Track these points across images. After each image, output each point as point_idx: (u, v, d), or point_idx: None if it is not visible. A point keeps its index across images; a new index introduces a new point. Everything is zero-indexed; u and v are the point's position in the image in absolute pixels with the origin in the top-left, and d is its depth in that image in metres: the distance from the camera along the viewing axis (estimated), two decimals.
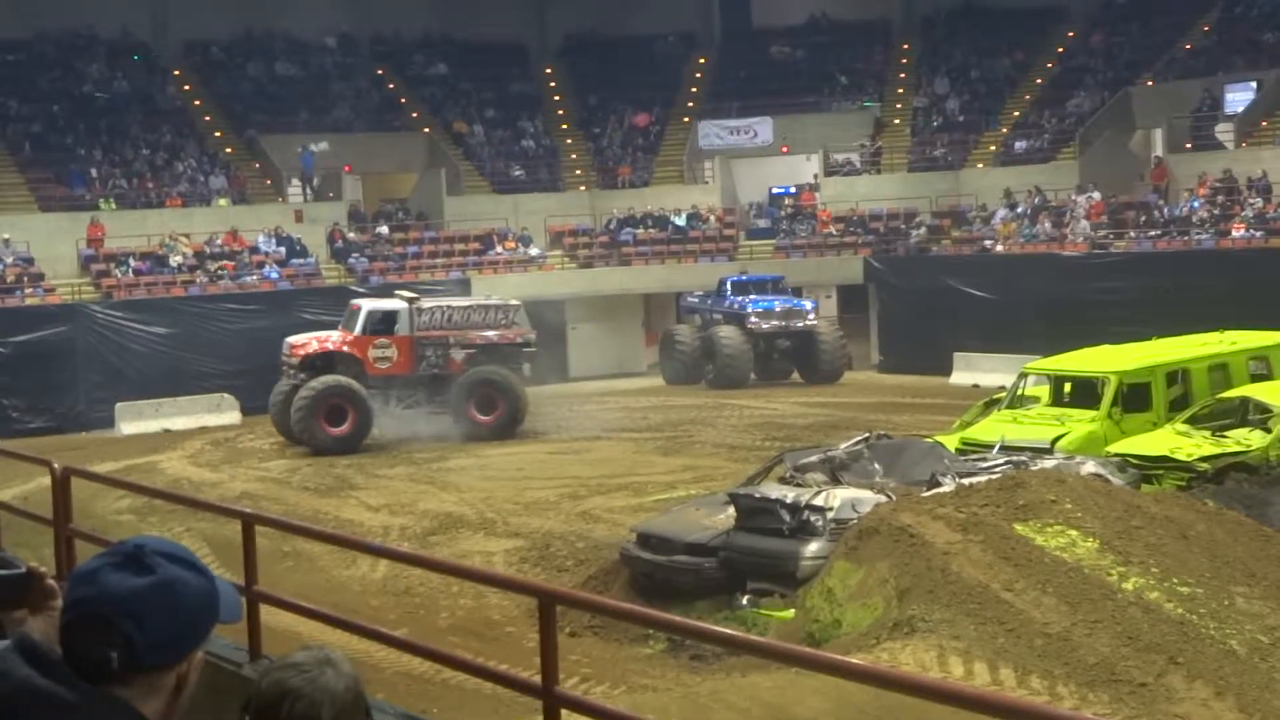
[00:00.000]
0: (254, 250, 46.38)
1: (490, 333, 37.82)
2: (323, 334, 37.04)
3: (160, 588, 2.84)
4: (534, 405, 40.50)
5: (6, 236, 43.89)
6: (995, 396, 28.33)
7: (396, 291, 39.76)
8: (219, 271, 44.80)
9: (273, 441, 36.71)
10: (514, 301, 39.48)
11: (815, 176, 53.43)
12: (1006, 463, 21.34)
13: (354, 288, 43.95)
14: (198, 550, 18.84)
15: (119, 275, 44.18)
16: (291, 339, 36.82)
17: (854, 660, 7.58)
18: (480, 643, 18.22)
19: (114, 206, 46.88)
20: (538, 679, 7.02)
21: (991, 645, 14.85)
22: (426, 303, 37.89)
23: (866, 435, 22.98)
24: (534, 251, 49.92)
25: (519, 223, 50.63)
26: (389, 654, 15.34)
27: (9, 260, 43.55)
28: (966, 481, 19.56)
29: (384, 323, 36.85)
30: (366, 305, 37.41)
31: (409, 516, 27.24)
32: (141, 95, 51.67)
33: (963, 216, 49.12)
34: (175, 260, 44.99)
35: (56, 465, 11.25)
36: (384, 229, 49.61)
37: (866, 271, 48.51)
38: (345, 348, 36.31)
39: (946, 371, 42.96)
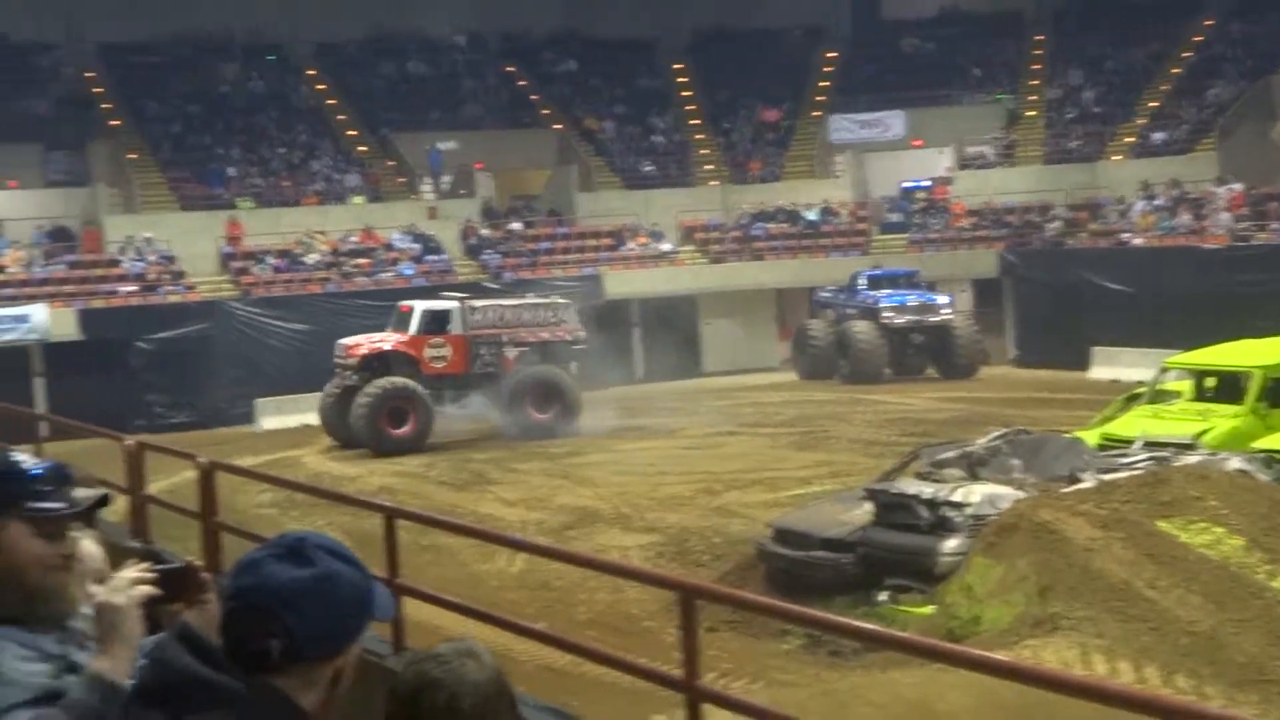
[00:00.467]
0: (389, 247, 46.87)
1: (542, 331, 37.83)
2: (376, 335, 37.14)
3: (320, 581, 2.86)
4: (667, 400, 40.59)
5: (149, 235, 44.73)
6: (1136, 391, 27.83)
7: (442, 293, 39.80)
8: (354, 268, 45.34)
9: (473, 433, 36.89)
10: (563, 300, 39.53)
11: (948, 170, 52.96)
12: (1148, 458, 20.99)
13: (488, 284, 44.26)
14: None
15: (257, 273, 44.87)
16: (345, 340, 36.92)
17: (998, 656, 7.49)
18: (618, 637, 18.22)
19: (252, 205, 47.61)
20: (678, 673, 6.99)
21: (1135, 644, 14.61)
22: (479, 302, 38.03)
23: (1005, 430, 22.71)
24: (665, 247, 49.96)
25: (650, 218, 50.68)
26: (528, 647, 15.39)
27: (151, 259, 44.37)
28: (1107, 477, 19.26)
29: (438, 322, 36.98)
30: (420, 305, 37.46)
31: (545, 511, 27.34)
32: (277, 95, 52.43)
33: (1099, 209, 48.42)
34: (311, 258, 45.59)
35: (202, 460, 11.42)
36: (516, 225, 49.90)
37: (1001, 265, 48.00)
38: (401, 348, 36.43)
39: (1085, 366, 42.38)
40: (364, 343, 36.60)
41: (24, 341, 40.89)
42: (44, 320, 40.95)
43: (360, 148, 51.64)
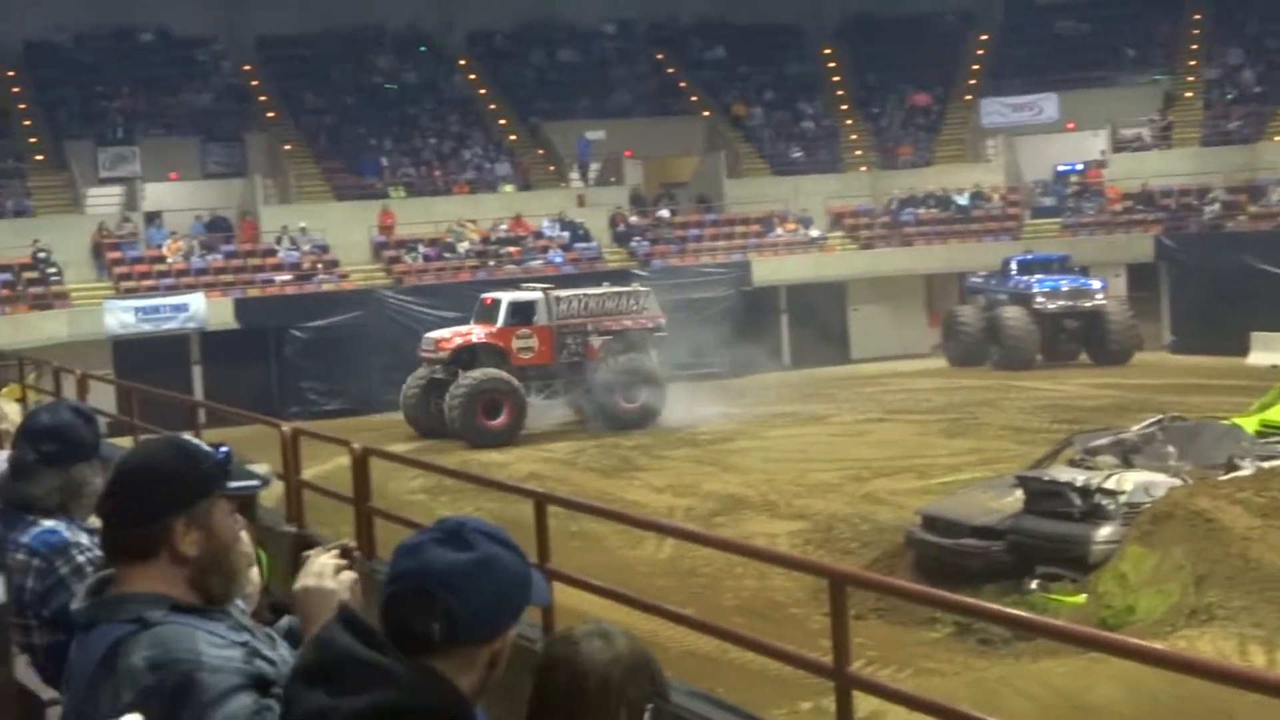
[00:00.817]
0: (538, 235, 47.19)
1: (624, 319, 37.90)
2: (462, 328, 37.33)
3: (481, 564, 2.90)
4: (813, 387, 40.47)
5: (303, 225, 45.43)
6: None
7: (523, 285, 39.97)
8: (503, 256, 45.73)
9: (561, 423, 37.21)
10: (644, 288, 39.53)
11: (1102, 153, 52.12)
12: None
13: (637, 271, 44.37)
14: None
15: (409, 261, 45.41)
16: (434, 334, 37.30)
17: (1154, 645, 7.38)
18: (765, 623, 18.22)
19: (404, 194, 48.17)
20: (826, 660, 6.97)
21: None
22: (563, 292, 38.01)
23: (1160, 417, 22.38)
24: (814, 233, 49.76)
25: (799, 204, 50.49)
26: (675, 633, 15.44)
27: (306, 248, 45.08)
28: (1266, 465, 18.91)
29: (524, 313, 37.11)
30: (506, 297, 37.56)
31: (693, 498, 27.41)
32: (429, 85, 52.97)
33: (1260, 191, 47.36)
34: (462, 246, 46.04)
35: (356, 446, 11.59)
36: (665, 212, 49.99)
37: (1157, 249, 47.17)
38: (490, 340, 36.63)
39: (1243, 352, 41.54)
40: (454, 335, 36.87)
41: (183, 330, 41.76)
42: (202, 309, 41.78)
43: (510, 137, 52.02)
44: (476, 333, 36.90)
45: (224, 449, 3.55)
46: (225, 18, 51.81)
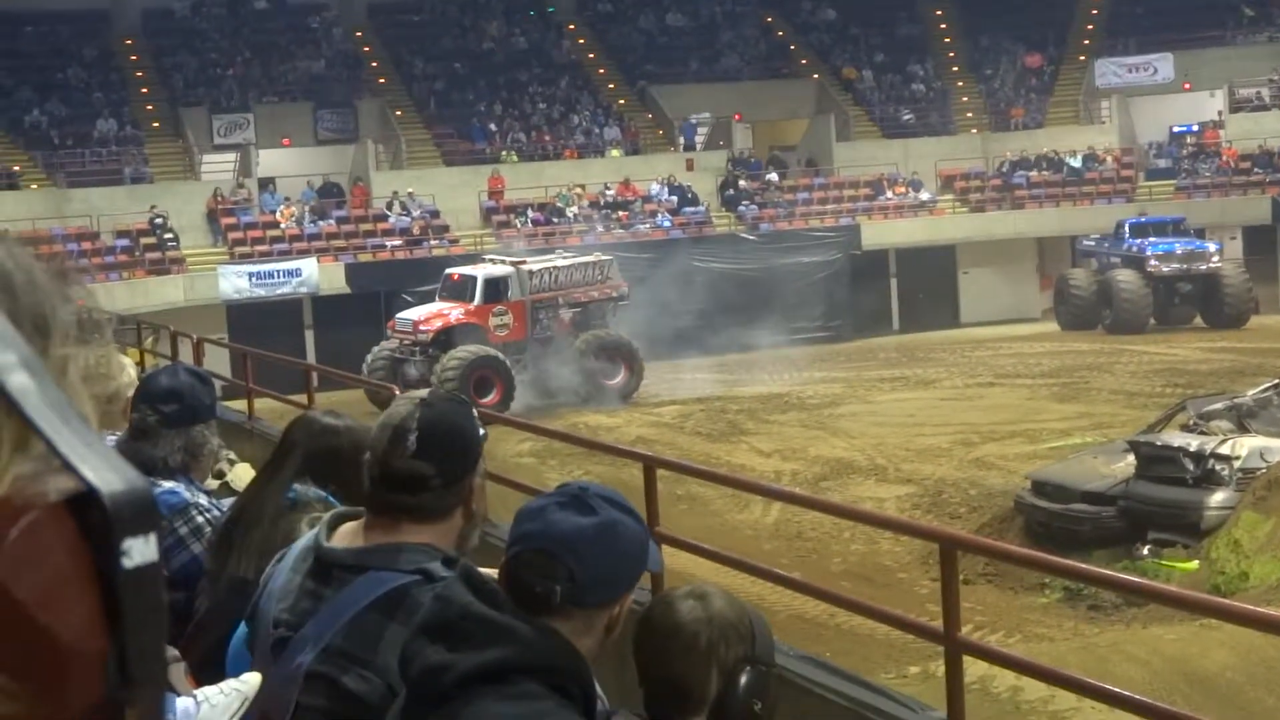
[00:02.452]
0: (646, 199, 47.22)
1: (591, 290, 37.25)
2: (435, 308, 36.37)
3: (602, 528, 2.95)
4: (923, 350, 40.26)
5: (413, 190, 45.76)
6: None
7: (487, 257, 39.15)
8: (613, 219, 45.83)
9: (662, 385, 37.19)
10: (607, 256, 38.57)
11: (1219, 113, 51.28)
12: None
13: (745, 234, 44.29)
14: None
15: (519, 226, 45.61)
16: (411, 314, 36.37)
17: (1269, 611, 7.33)
18: (872, 588, 18.22)
19: (515, 159, 48.36)
20: (935, 624, 6.97)
21: None
22: (534, 265, 37.15)
23: (1276, 381, 22.07)
24: (924, 196, 49.42)
25: (909, 167, 50.14)
26: (782, 596, 15.48)
27: (416, 213, 45.40)
28: None
29: (498, 290, 36.25)
30: (481, 274, 36.60)
31: (800, 462, 27.38)
32: (537, 50, 53.09)
33: None
34: (571, 211, 46.18)
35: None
36: (774, 176, 49.84)
37: (1275, 211, 46.40)
38: (469, 319, 35.70)
39: None
40: (432, 316, 35.93)
41: (295, 295, 42.26)
42: (314, 274, 42.26)
43: (619, 101, 52.05)
44: (455, 313, 35.90)
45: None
46: None
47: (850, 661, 12.90)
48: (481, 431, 3.52)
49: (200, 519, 5.09)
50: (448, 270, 37.87)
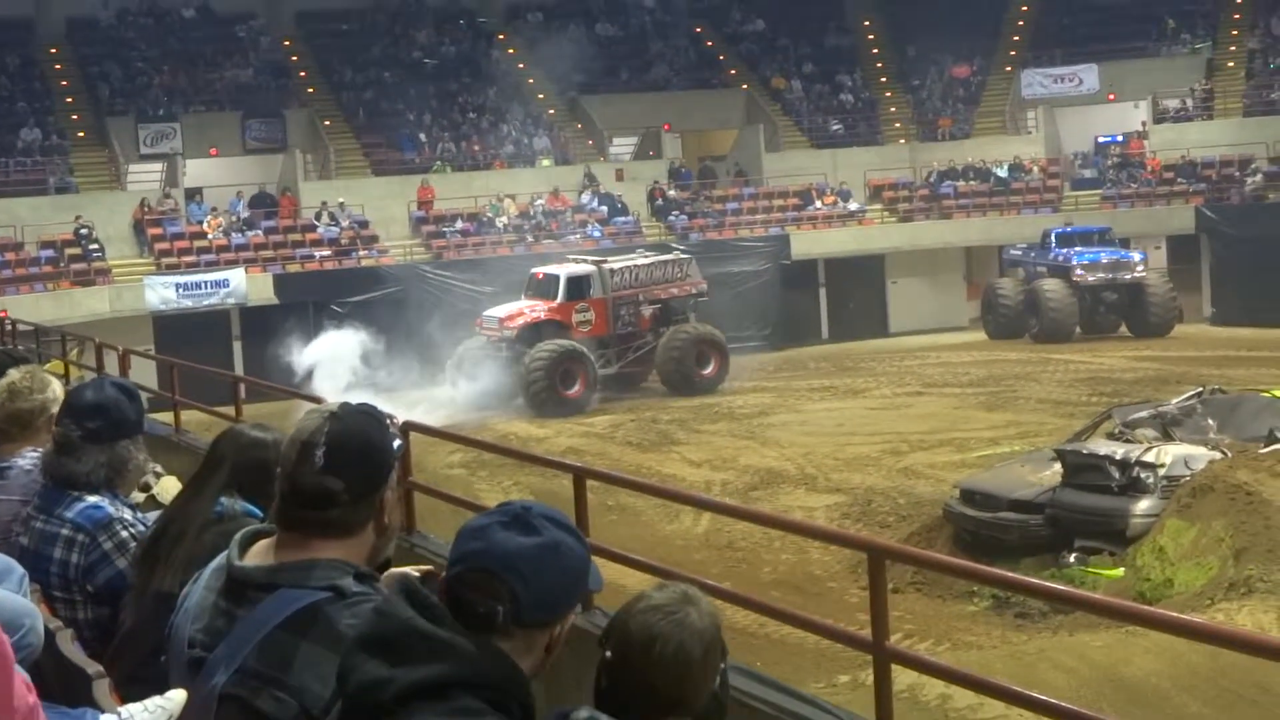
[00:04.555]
0: (577, 209, 47.21)
1: (671, 287, 38.91)
2: (522, 304, 38.01)
3: (545, 549, 2.94)
4: (852, 360, 40.49)
5: (343, 200, 45.56)
6: None
7: (570, 257, 40.65)
8: (542, 224, 45.77)
9: (600, 398, 37.32)
10: (686, 254, 40.46)
11: (1143, 124, 51.81)
12: None
13: (675, 244, 44.35)
14: None
15: (448, 236, 45.49)
16: (497, 311, 37.86)
17: (1192, 618, 7.40)
18: (802, 597, 18.29)
19: (445, 170, 48.24)
20: (864, 634, 7.01)
21: None
22: (615, 264, 38.78)
23: (1200, 390, 22.30)
24: (853, 206, 49.64)
25: (838, 177, 50.37)
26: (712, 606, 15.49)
27: (345, 224, 45.20)
28: None
29: (581, 287, 37.95)
30: (564, 272, 38.30)
31: (730, 472, 27.43)
32: (467, 60, 52.98)
33: None
34: (501, 221, 46.10)
35: (396, 419, 11.66)
36: (704, 186, 49.94)
37: (1198, 221, 46.90)
38: (553, 315, 37.47)
39: None
40: (519, 313, 37.50)
41: (224, 306, 41.97)
42: (242, 285, 41.99)
43: (549, 111, 52.01)
44: (539, 309, 37.62)
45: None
46: None
47: (780, 671, 12.94)
48: (397, 443, 3.48)
49: (125, 534, 5.05)
50: (533, 270, 39.43)
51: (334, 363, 36.03)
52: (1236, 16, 53.73)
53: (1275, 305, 41.59)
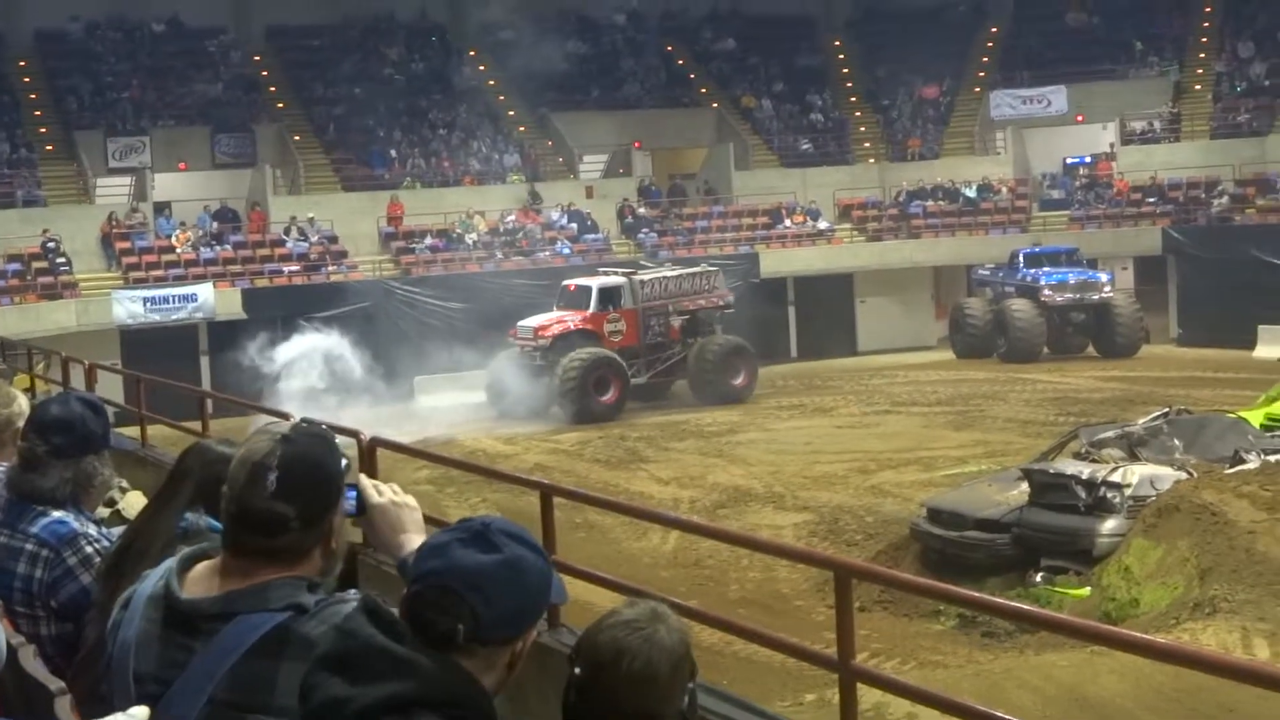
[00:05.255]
0: (546, 226, 47.21)
1: (699, 299, 39.92)
2: (556, 315, 38.93)
3: (505, 566, 2.92)
4: (820, 378, 40.62)
5: (311, 215, 45.47)
6: None
7: (601, 269, 41.54)
8: (512, 242, 45.76)
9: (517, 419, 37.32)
10: (713, 267, 41.42)
11: (1111, 145, 52.09)
12: None
13: (645, 263, 44.40)
14: None
15: (417, 252, 45.43)
16: (531, 321, 38.69)
17: (1158, 639, 7.43)
18: (769, 616, 18.28)
19: (415, 186, 48.19)
20: (830, 652, 7.01)
21: None
22: (645, 275, 39.74)
23: (1166, 410, 22.40)
24: (822, 225, 49.76)
25: (807, 196, 50.50)
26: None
27: (314, 239, 45.11)
28: (1272, 458, 18.93)
29: (612, 298, 38.88)
30: (596, 284, 39.17)
31: (698, 489, 27.43)
32: (438, 76, 52.96)
33: (1269, 185, 47.28)
34: (470, 237, 46.06)
35: (363, 436, 11.63)
36: (674, 204, 49.99)
37: (1165, 242, 47.13)
38: (585, 325, 38.46)
39: (1251, 345, 41.53)
40: (553, 322, 38.43)
41: (191, 320, 41.82)
42: (210, 300, 41.86)
43: (520, 128, 52.02)
44: (572, 319, 38.52)
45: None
46: (235, 8, 51.95)
47: (747, 689, 12.95)
48: (344, 462, 3.46)
49: (89, 549, 5.02)
50: (565, 281, 40.48)
51: (308, 361, 36.07)
52: (1204, 40, 54.06)
53: (1241, 327, 41.80)
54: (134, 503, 6.91)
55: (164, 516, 4.46)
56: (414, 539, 3.65)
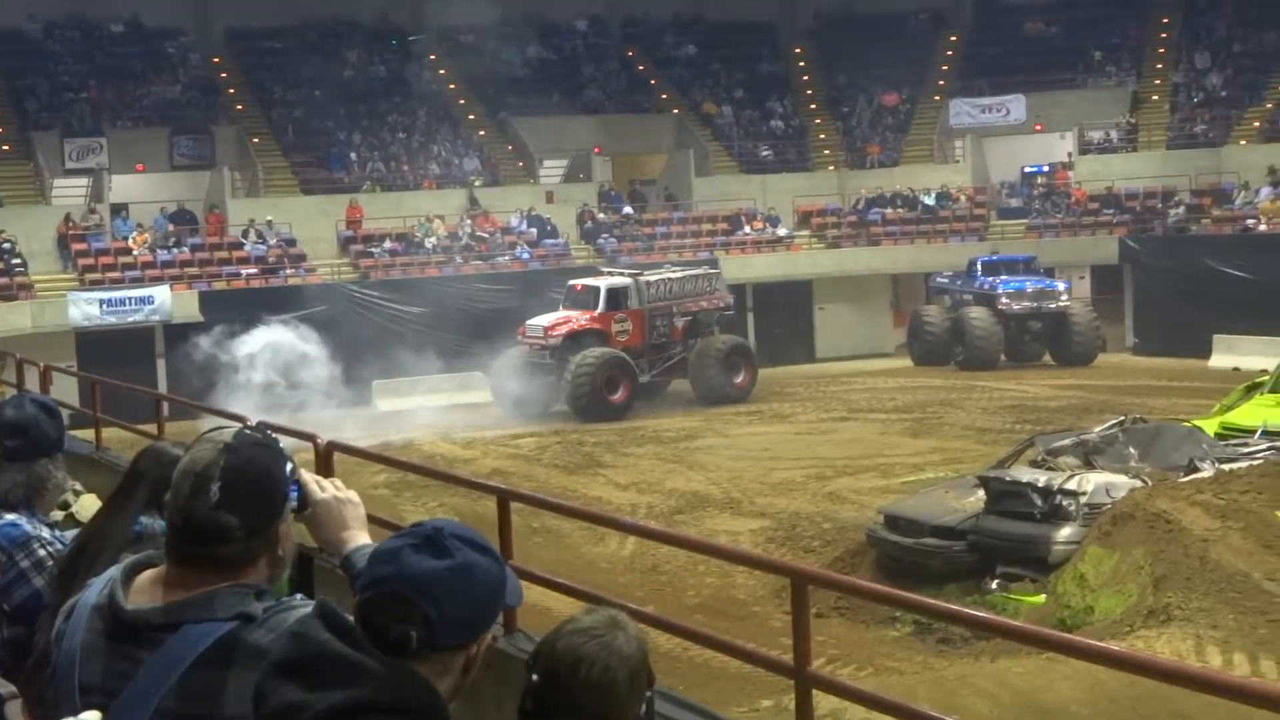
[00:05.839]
0: (506, 231, 47.15)
1: (701, 300, 40.53)
2: (564, 314, 39.15)
3: (458, 571, 2.91)
4: (778, 384, 40.76)
5: (270, 218, 45.31)
6: (1257, 380, 27.41)
7: (606, 270, 42.05)
8: (471, 251, 45.70)
9: (521, 418, 37.31)
10: (715, 270, 42.12)
11: (1069, 155, 52.35)
12: (1269, 448, 20.73)
13: (604, 268, 44.40)
14: None
15: (376, 256, 45.32)
16: (540, 321, 38.82)
17: (1110, 646, 7.47)
18: (726, 621, 18.30)
19: (375, 189, 48.08)
20: (787, 658, 7.02)
21: (1252, 635, 14.44)
22: (651, 276, 40.13)
23: (1121, 419, 22.51)
24: (782, 231, 49.87)
25: (767, 203, 50.59)
26: (637, 630, 15.47)
27: (272, 242, 44.95)
28: (1227, 467, 19.05)
29: (619, 298, 39.27)
30: (604, 284, 39.56)
31: (656, 495, 27.45)
32: (398, 80, 52.85)
33: (1225, 195, 47.62)
34: (429, 241, 45.97)
35: (320, 439, 11.59)
36: (628, 209, 50.02)
37: (1122, 252, 47.36)
38: (594, 324, 38.79)
39: (1206, 354, 41.76)
40: (561, 321, 38.83)
41: (148, 323, 41.60)
42: (167, 302, 41.64)
43: (480, 132, 51.95)
44: (581, 318, 39.00)
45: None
46: (195, 9, 51.73)
47: (704, 695, 12.95)
48: (289, 466, 3.44)
49: (42, 552, 4.99)
50: (571, 282, 40.91)
51: (265, 361, 35.98)
52: (1161, 51, 54.38)
53: (1196, 336, 42.03)
54: (88, 505, 6.87)
55: (118, 520, 4.44)
56: (357, 535, 3.67)
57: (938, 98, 54.82)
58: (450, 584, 2.90)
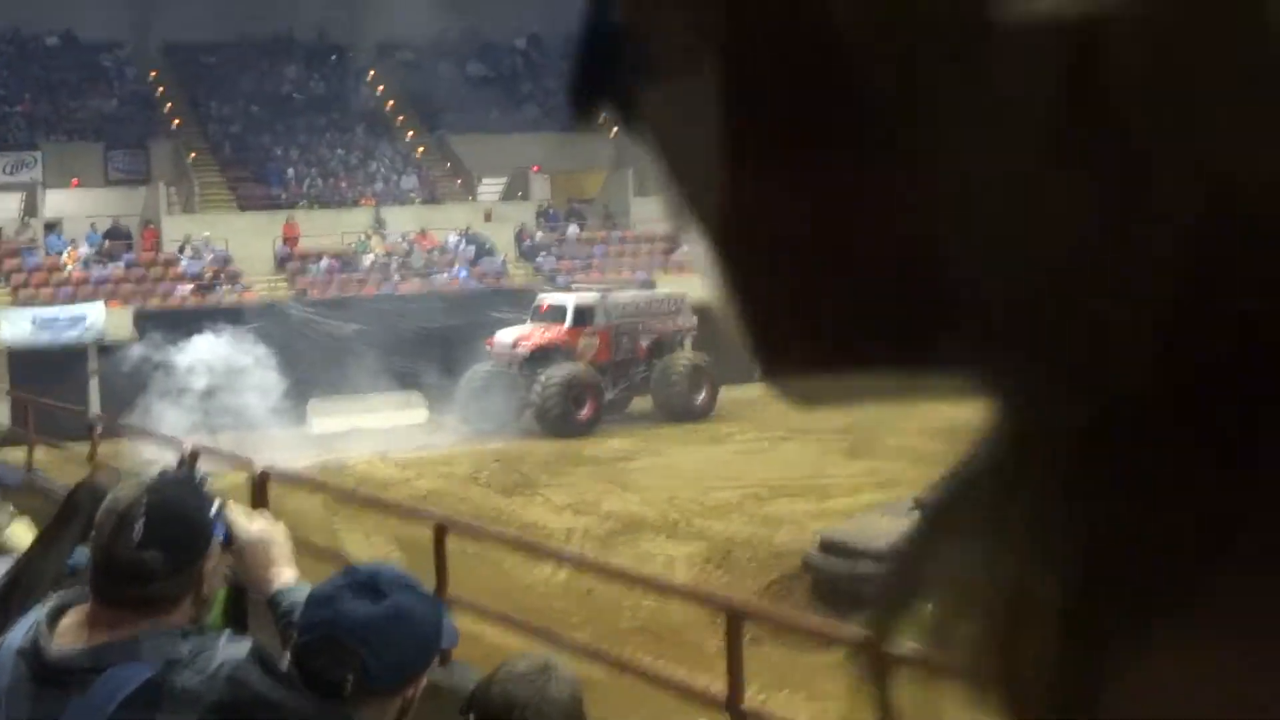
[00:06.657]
0: (443, 249, 47.05)
1: (666, 321, 40.86)
2: (529, 328, 39.24)
3: (394, 616, 2.92)
4: (718, 405, 40.96)
5: (206, 235, 45.04)
6: None
7: (575, 286, 42.40)
8: (408, 270, 45.60)
9: (458, 438, 37.20)
10: (680, 291, 41.72)
11: None
12: None
13: (541, 288, 44.39)
14: (387, 551, 19.21)
15: (313, 274, 45.13)
16: (507, 335, 38.97)
17: None
18: (662, 646, 18.25)
19: (313, 207, 47.88)
20: (720, 685, 7.04)
21: None
22: (623, 296, 40.64)
23: None
24: None
25: None
26: (570, 657, 15.45)
27: (208, 259, 44.67)
28: None
29: (587, 316, 39.29)
30: (571, 300, 39.71)
31: (592, 517, 27.36)
32: (337, 96, 52.72)
33: None
34: (367, 259, 45.82)
35: (255, 467, 11.55)
36: (573, 229, 50.03)
37: None
38: (561, 340, 38.91)
39: None
40: (530, 335, 38.81)
41: (81, 342, 41.23)
42: (100, 320, 41.28)
43: (418, 149, 51.86)
44: (549, 332, 39.11)
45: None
46: (132, 23, 51.38)
47: None
48: (216, 503, 3.45)
49: None
50: (540, 297, 40.80)
51: (207, 372, 35.76)
52: None
53: None
54: (19, 533, 6.83)
55: (52, 554, 4.41)
56: (283, 572, 3.66)
57: None
58: (386, 629, 2.91)
